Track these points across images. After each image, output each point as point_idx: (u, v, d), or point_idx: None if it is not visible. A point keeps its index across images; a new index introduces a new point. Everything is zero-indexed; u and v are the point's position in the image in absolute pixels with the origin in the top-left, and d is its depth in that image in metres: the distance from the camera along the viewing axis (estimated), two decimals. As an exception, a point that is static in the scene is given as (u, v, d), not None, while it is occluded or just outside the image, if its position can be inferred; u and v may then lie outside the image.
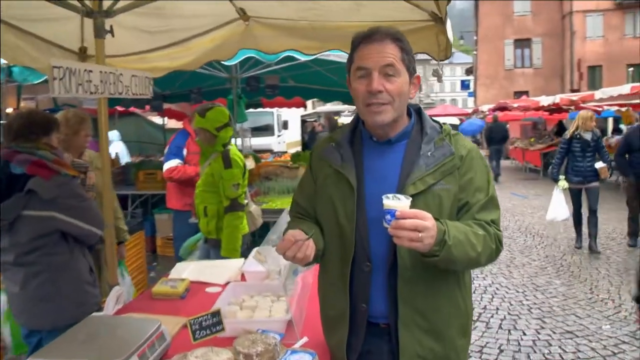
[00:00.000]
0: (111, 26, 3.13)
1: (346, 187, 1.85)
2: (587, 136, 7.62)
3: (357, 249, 1.83)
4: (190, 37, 4.01)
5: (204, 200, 4.31)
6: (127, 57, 4.08)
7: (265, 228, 5.61)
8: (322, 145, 2.02)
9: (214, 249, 4.35)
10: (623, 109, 13.76)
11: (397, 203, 1.62)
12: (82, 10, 3.10)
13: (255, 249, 2.19)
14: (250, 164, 6.41)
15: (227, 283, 2.94)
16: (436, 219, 1.65)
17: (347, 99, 9.78)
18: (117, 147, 10.06)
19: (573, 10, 32.20)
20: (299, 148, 18.48)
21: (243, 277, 3.04)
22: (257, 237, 4.97)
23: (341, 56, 7.56)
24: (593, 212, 7.69)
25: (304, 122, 21.53)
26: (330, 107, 26.35)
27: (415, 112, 1.94)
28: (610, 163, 8.90)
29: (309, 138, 19.76)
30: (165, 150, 6.00)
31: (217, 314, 2.03)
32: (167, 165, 5.74)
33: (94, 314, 2.54)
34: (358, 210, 1.82)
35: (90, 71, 2.79)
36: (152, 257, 7.58)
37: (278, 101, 11.12)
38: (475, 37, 36.50)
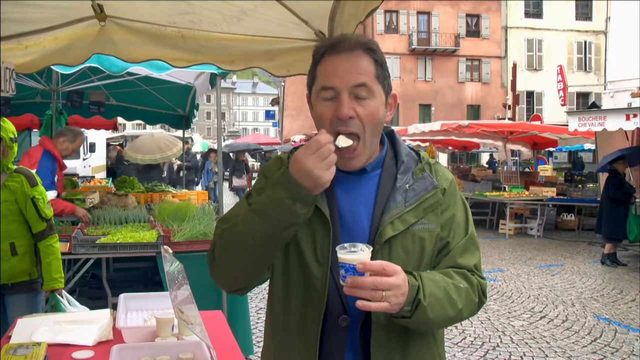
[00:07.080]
0: None
1: (317, 222, 1.46)
2: None
3: (329, 299, 1.45)
4: (26, 32, 3.22)
5: (10, 236, 3.39)
6: None
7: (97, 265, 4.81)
8: (275, 169, 1.56)
9: (22, 296, 3.44)
10: (424, 145, 15.13)
11: (354, 256, 1.32)
12: None
13: (176, 308, 1.67)
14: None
15: (99, 344, 2.31)
16: (408, 272, 1.36)
17: (174, 123, 9.01)
18: None
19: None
20: (104, 173, 16.97)
21: (116, 335, 2.41)
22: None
23: (172, 75, 6.92)
24: None
25: (108, 145, 19.84)
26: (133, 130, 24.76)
27: (387, 135, 1.62)
28: None
29: (115, 162, 18.23)
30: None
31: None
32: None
33: None
34: (334, 250, 1.43)
35: None
36: None
37: (79, 120, 9.17)
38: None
